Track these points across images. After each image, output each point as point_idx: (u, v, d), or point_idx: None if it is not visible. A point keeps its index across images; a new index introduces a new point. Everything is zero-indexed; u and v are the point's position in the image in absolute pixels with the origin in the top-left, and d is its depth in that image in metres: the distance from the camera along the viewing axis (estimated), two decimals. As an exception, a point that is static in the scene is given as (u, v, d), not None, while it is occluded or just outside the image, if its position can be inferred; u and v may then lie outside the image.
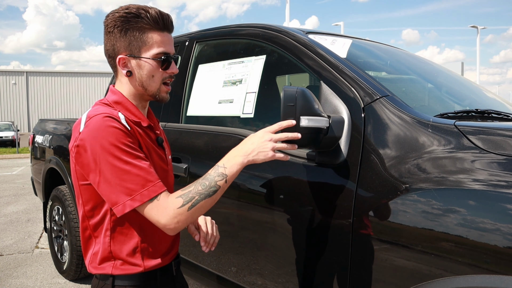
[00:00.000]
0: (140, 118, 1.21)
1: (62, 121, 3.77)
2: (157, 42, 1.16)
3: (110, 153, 1.07)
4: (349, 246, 1.32)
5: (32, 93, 36.37)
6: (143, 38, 1.16)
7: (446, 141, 1.23)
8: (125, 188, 1.07)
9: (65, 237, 3.50)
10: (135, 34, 1.15)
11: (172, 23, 1.20)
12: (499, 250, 1.00)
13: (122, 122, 1.12)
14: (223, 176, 1.13)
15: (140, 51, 1.16)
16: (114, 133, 1.08)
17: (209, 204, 1.13)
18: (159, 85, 1.20)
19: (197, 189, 1.11)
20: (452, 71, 2.53)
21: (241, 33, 2.02)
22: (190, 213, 1.10)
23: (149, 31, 1.16)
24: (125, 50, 1.17)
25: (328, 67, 1.57)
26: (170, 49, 1.20)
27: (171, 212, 1.09)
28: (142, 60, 1.17)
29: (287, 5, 16.80)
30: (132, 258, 1.20)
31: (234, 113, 1.91)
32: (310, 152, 1.52)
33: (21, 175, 10.34)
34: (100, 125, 1.08)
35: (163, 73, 1.19)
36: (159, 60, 1.17)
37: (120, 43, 1.17)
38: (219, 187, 1.12)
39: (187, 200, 1.10)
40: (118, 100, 1.21)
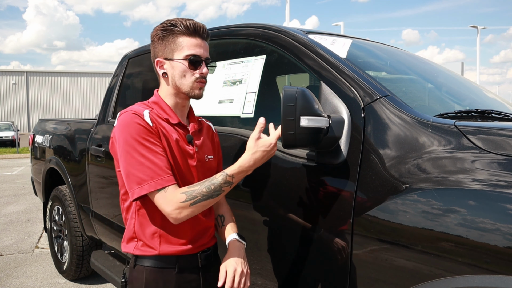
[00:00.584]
0: (170, 116, 1.38)
1: (62, 121, 3.77)
2: (187, 45, 1.33)
3: (130, 145, 1.26)
4: (349, 246, 1.32)
5: (32, 93, 36.37)
6: (176, 42, 1.34)
7: (446, 141, 1.23)
8: (136, 177, 1.26)
9: (65, 237, 3.50)
10: (169, 39, 1.35)
11: (204, 31, 1.36)
12: (499, 250, 1.00)
13: (145, 119, 1.30)
14: (229, 184, 1.29)
15: (173, 54, 1.35)
16: (136, 128, 1.27)
17: (210, 203, 1.29)
18: (191, 84, 1.35)
19: (201, 190, 1.26)
20: (452, 71, 2.53)
21: (241, 33, 2.02)
22: (192, 209, 1.26)
23: (181, 36, 1.34)
24: (162, 54, 1.37)
25: (328, 67, 1.57)
26: (200, 52, 1.34)
27: (175, 204, 1.25)
28: (175, 61, 1.34)
29: (287, 5, 16.80)
30: (151, 241, 1.36)
31: (234, 113, 1.91)
32: (310, 152, 1.52)
33: (21, 175, 10.34)
34: (125, 120, 1.29)
35: (193, 72, 1.35)
36: (190, 60, 1.33)
37: (158, 48, 1.37)
38: (223, 192, 1.29)
39: (190, 197, 1.25)
40: (155, 100, 1.41)
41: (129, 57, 3.02)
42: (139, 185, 1.25)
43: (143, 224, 1.36)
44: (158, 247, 1.35)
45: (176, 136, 1.36)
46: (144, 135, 1.27)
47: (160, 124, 1.33)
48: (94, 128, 3.01)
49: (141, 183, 1.25)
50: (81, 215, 3.17)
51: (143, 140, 1.26)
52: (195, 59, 1.33)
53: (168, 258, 1.36)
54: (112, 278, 2.64)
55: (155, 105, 1.39)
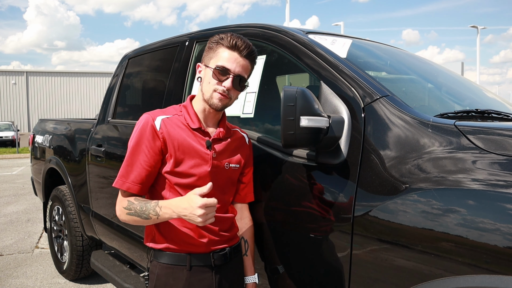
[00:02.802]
0: (192, 121, 1.44)
1: (62, 121, 3.77)
2: (222, 57, 1.39)
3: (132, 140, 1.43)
4: (349, 246, 1.32)
5: (32, 93, 36.36)
6: (216, 52, 1.41)
7: (446, 141, 1.23)
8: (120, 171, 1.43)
9: (65, 237, 3.50)
10: (213, 48, 1.42)
11: (245, 48, 1.39)
12: (499, 250, 1.00)
13: (154, 123, 1.40)
14: (156, 213, 1.35)
15: (210, 61, 1.42)
16: (141, 130, 1.41)
17: (141, 222, 1.39)
18: (211, 92, 1.40)
19: (137, 207, 1.37)
20: (452, 71, 2.52)
21: (241, 33, 2.02)
22: (127, 218, 1.41)
23: (221, 48, 1.40)
24: (204, 60, 1.45)
25: (328, 67, 1.57)
26: (231, 67, 1.38)
27: (119, 205, 1.42)
28: (208, 68, 1.41)
29: (287, 5, 16.80)
30: (164, 235, 1.44)
31: (234, 113, 1.91)
32: (310, 152, 1.52)
33: (21, 175, 10.34)
34: (140, 120, 1.44)
35: (218, 83, 1.39)
36: (217, 70, 1.38)
37: (204, 55, 1.46)
38: (150, 219, 1.37)
39: (128, 208, 1.39)
40: (185, 104, 1.50)
41: (129, 57, 3.02)
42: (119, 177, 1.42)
43: None
44: (167, 241, 1.43)
45: (193, 141, 1.42)
46: (144, 138, 1.40)
47: (173, 130, 1.41)
48: (94, 128, 3.01)
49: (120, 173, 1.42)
50: (81, 215, 3.17)
51: (140, 144, 1.40)
52: (221, 70, 1.37)
53: (180, 256, 1.43)
54: (112, 278, 2.64)
55: (184, 109, 1.48)
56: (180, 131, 1.42)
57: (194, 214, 1.25)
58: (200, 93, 1.45)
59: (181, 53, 2.34)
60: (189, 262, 1.42)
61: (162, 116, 1.43)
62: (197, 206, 1.24)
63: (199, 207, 1.24)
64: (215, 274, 1.45)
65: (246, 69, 1.42)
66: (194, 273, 1.42)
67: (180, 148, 1.40)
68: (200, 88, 1.45)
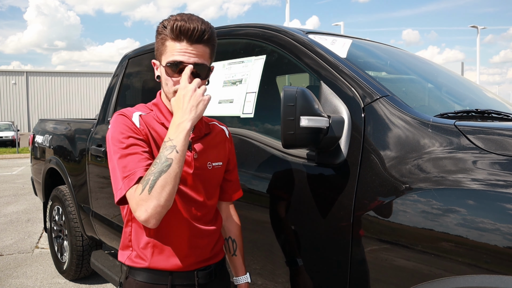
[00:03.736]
0: (167, 119, 1.26)
1: (62, 121, 3.77)
2: (170, 50, 1.18)
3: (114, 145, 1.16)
4: (349, 246, 1.32)
5: (32, 93, 36.36)
6: (164, 46, 1.21)
7: (446, 141, 1.23)
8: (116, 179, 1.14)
9: (65, 237, 3.50)
10: (159, 41, 1.22)
11: (194, 31, 1.16)
12: (499, 250, 1.00)
13: (132, 120, 1.20)
14: (172, 148, 1.08)
15: (161, 58, 1.22)
16: (120, 129, 1.17)
17: (169, 181, 1.07)
18: (172, 94, 1.20)
19: (151, 170, 1.08)
20: (452, 71, 2.52)
21: (241, 33, 2.02)
22: (153, 196, 1.06)
23: (167, 40, 1.19)
24: (156, 56, 1.25)
25: (327, 67, 1.57)
26: (184, 58, 1.17)
27: (136, 200, 1.08)
28: (161, 66, 1.23)
29: (287, 5, 16.80)
30: (143, 251, 1.25)
31: (234, 113, 1.91)
32: (310, 152, 1.52)
33: (21, 175, 10.34)
34: (112, 122, 1.21)
35: (176, 82, 1.19)
36: (168, 67, 1.19)
37: (156, 50, 1.25)
38: (172, 160, 1.07)
39: (145, 184, 1.07)
40: (155, 102, 1.31)
41: (129, 57, 3.02)
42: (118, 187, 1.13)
43: (138, 233, 1.26)
44: (149, 259, 1.23)
45: None
46: (128, 134, 1.16)
47: (153, 128, 1.22)
48: (94, 128, 3.01)
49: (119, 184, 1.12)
50: (81, 215, 3.17)
51: (125, 139, 1.15)
52: (174, 65, 1.18)
53: (160, 273, 1.24)
54: (112, 278, 2.64)
55: (154, 107, 1.29)
56: (157, 129, 1.24)
57: (198, 96, 1.12)
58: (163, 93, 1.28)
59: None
60: (170, 281, 1.24)
61: (138, 112, 1.24)
62: (193, 89, 1.13)
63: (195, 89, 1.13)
64: None
65: (203, 54, 1.20)
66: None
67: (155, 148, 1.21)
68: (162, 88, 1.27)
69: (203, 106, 1.14)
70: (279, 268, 1.61)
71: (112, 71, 3.12)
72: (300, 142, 1.33)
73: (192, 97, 1.12)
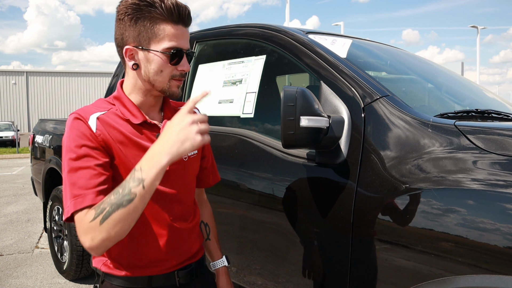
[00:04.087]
0: (134, 114, 1.11)
1: (62, 121, 3.77)
2: (169, 35, 1.06)
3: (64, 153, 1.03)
4: (349, 246, 1.32)
5: (32, 93, 36.37)
6: (154, 30, 1.06)
7: (446, 141, 1.23)
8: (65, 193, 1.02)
9: (65, 237, 3.50)
10: (145, 24, 1.05)
11: (189, 16, 1.09)
12: (499, 250, 1.00)
13: (88, 123, 1.04)
14: (139, 181, 0.92)
15: (150, 43, 1.07)
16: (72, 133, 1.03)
17: (126, 218, 0.93)
18: (168, 81, 1.10)
19: (110, 198, 0.94)
20: (452, 71, 2.53)
21: (241, 33, 2.02)
22: (104, 229, 0.93)
23: (162, 23, 1.05)
24: (134, 40, 1.07)
25: (327, 67, 1.57)
26: (183, 44, 1.08)
27: (84, 226, 0.95)
28: (151, 53, 1.07)
29: (287, 5, 16.80)
30: (119, 259, 1.14)
31: (234, 113, 1.91)
32: (310, 152, 1.52)
33: (21, 175, 10.34)
34: (68, 125, 1.06)
35: (173, 69, 1.09)
36: (169, 55, 1.07)
37: (129, 32, 1.07)
38: (135, 195, 0.92)
39: (98, 212, 0.94)
40: (117, 95, 1.15)
41: (129, 57, 3.02)
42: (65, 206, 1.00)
43: None
44: (126, 266, 1.13)
45: (139, 138, 1.10)
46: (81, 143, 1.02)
47: (115, 128, 1.08)
48: (94, 128, 3.01)
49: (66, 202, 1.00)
50: (81, 215, 3.16)
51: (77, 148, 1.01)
52: (177, 53, 1.07)
53: (138, 279, 1.14)
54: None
55: (116, 102, 1.13)
56: (121, 128, 1.09)
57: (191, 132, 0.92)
58: (142, 84, 1.12)
59: (181, 53, 2.34)
60: (149, 283, 1.15)
61: (96, 113, 1.08)
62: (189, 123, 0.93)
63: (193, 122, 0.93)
64: None
65: (189, 38, 1.12)
66: None
67: (126, 150, 1.08)
68: (144, 78, 1.10)
69: (190, 146, 0.92)
70: (279, 268, 1.61)
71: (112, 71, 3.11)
72: (300, 142, 1.33)
73: (182, 130, 0.93)
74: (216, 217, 1.95)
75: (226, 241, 1.82)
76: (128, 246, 1.12)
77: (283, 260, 1.59)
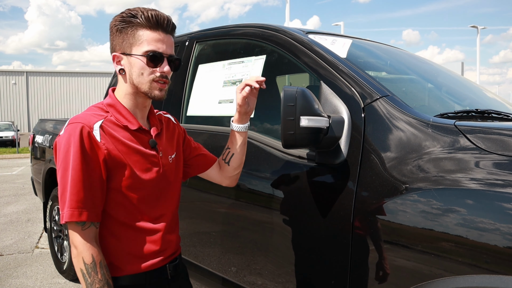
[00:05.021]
0: (129, 121, 1.21)
1: (62, 121, 3.77)
2: (148, 40, 1.17)
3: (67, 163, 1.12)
4: (349, 246, 1.32)
5: (32, 93, 36.36)
6: (135, 36, 1.18)
7: (446, 141, 1.23)
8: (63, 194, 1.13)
9: (65, 237, 3.50)
10: (128, 31, 1.18)
11: (169, 23, 1.20)
12: (499, 250, 1.00)
13: (93, 133, 1.14)
14: None
15: (132, 48, 1.18)
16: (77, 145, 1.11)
17: None
18: (149, 83, 1.19)
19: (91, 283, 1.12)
20: (452, 71, 2.53)
21: (241, 33, 2.02)
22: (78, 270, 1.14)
23: (141, 29, 1.17)
24: (120, 48, 1.20)
25: (327, 67, 1.57)
26: (163, 48, 1.19)
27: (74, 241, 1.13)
28: (133, 57, 1.18)
29: (287, 5, 16.81)
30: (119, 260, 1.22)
31: (234, 113, 1.90)
32: (310, 152, 1.52)
33: (21, 175, 10.34)
34: (69, 133, 1.13)
35: (152, 71, 1.18)
36: (147, 57, 1.17)
37: (116, 41, 1.21)
38: None
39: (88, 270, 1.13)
40: (111, 103, 1.24)
41: (129, 57, 3.02)
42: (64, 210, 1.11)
43: (111, 242, 1.22)
44: (126, 266, 1.22)
45: (137, 144, 1.21)
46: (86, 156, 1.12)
47: (114, 136, 1.18)
48: (94, 128, 3.01)
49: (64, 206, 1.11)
50: (81, 215, 3.16)
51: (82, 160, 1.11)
52: (154, 56, 1.17)
53: (137, 276, 1.24)
54: (112, 278, 2.64)
55: (111, 109, 1.22)
56: (120, 136, 1.18)
57: None
58: (129, 87, 1.22)
59: (181, 53, 2.34)
60: (148, 279, 1.26)
61: (98, 122, 1.17)
62: None
63: None
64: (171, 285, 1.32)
65: (172, 45, 1.23)
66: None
67: (126, 157, 1.18)
68: (130, 81, 1.21)
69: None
70: (279, 268, 1.61)
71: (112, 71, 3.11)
72: (300, 142, 1.33)
73: None
74: (216, 217, 1.95)
75: (226, 241, 1.82)
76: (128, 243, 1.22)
77: (283, 260, 1.59)
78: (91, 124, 1.15)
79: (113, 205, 1.20)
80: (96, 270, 1.12)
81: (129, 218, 1.21)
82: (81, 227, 1.12)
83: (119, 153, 1.17)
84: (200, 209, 1.99)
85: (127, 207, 1.21)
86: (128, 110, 1.23)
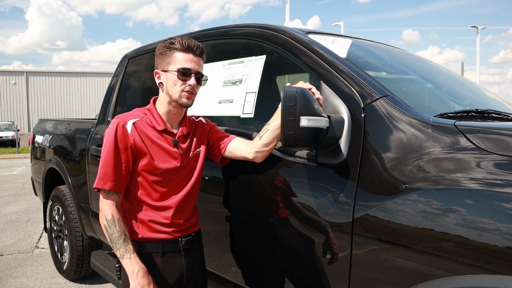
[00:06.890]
0: (158, 123, 1.57)
1: (62, 121, 3.77)
2: (180, 60, 1.52)
3: (105, 146, 1.53)
4: (349, 246, 1.32)
5: (32, 93, 36.36)
6: (172, 57, 1.53)
7: (446, 141, 1.23)
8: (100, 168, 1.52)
9: (65, 237, 3.50)
10: (167, 54, 1.54)
11: (198, 48, 1.54)
12: (499, 250, 1.00)
13: (126, 127, 1.53)
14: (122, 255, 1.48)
15: (168, 66, 1.54)
16: (114, 134, 1.52)
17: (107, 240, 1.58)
18: (179, 92, 1.52)
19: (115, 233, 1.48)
20: (452, 71, 2.52)
21: (240, 33, 2.02)
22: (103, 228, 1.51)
23: (176, 52, 1.53)
24: (160, 66, 1.57)
25: (327, 66, 1.57)
26: (191, 66, 1.52)
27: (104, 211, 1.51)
28: (169, 72, 1.53)
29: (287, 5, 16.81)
30: (136, 226, 1.57)
31: (234, 113, 1.91)
32: (310, 152, 1.52)
33: (21, 175, 10.34)
34: (111, 125, 1.55)
35: (182, 83, 1.52)
36: (179, 72, 1.51)
37: (158, 61, 1.58)
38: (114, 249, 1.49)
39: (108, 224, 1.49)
40: (149, 108, 1.63)
41: (129, 57, 3.02)
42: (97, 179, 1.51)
43: (132, 213, 1.57)
44: (141, 232, 1.56)
45: (161, 140, 1.56)
46: (117, 142, 1.51)
47: (144, 132, 1.55)
48: (94, 128, 3.01)
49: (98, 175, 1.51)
50: (81, 215, 3.17)
51: (114, 145, 1.51)
52: (184, 71, 1.51)
53: (152, 244, 1.56)
54: (112, 278, 2.64)
55: (148, 112, 1.60)
56: (148, 132, 1.55)
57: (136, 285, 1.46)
58: (165, 97, 1.56)
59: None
60: (161, 248, 1.56)
61: (133, 119, 1.55)
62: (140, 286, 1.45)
63: None
64: (184, 258, 1.61)
65: (201, 65, 1.57)
66: (166, 259, 1.57)
67: (150, 148, 1.53)
68: (166, 92, 1.55)
69: None
70: (279, 268, 1.61)
71: (113, 71, 3.12)
72: (300, 142, 1.33)
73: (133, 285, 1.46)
74: (216, 217, 1.95)
75: (226, 241, 1.82)
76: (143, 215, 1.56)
77: (283, 260, 1.59)
78: (126, 120, 1.54)
79: (135, 184, 1.56)
80: (114, 223, 1.48)
81: (146, 196, 1.55)
82: (106, 194, 1.51)
83: (143, 144, 1.53)
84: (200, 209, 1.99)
85: (144, 187, 1.55)
86: (159, 115, 1.59)
